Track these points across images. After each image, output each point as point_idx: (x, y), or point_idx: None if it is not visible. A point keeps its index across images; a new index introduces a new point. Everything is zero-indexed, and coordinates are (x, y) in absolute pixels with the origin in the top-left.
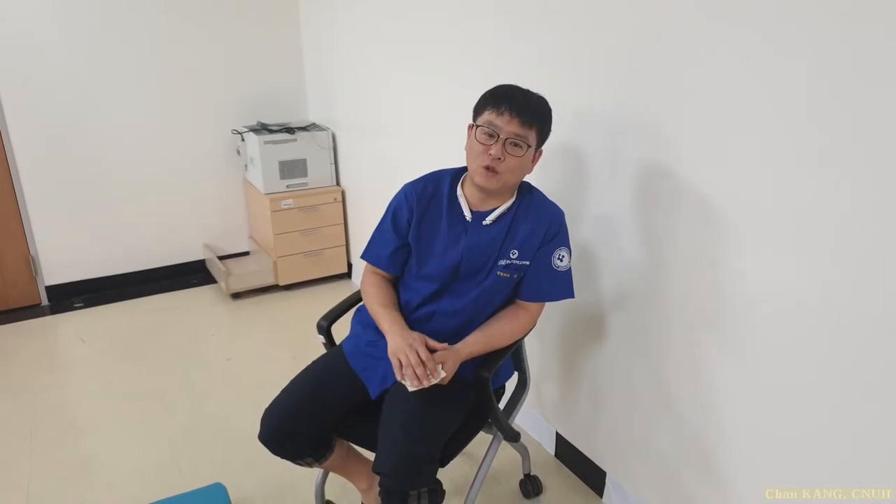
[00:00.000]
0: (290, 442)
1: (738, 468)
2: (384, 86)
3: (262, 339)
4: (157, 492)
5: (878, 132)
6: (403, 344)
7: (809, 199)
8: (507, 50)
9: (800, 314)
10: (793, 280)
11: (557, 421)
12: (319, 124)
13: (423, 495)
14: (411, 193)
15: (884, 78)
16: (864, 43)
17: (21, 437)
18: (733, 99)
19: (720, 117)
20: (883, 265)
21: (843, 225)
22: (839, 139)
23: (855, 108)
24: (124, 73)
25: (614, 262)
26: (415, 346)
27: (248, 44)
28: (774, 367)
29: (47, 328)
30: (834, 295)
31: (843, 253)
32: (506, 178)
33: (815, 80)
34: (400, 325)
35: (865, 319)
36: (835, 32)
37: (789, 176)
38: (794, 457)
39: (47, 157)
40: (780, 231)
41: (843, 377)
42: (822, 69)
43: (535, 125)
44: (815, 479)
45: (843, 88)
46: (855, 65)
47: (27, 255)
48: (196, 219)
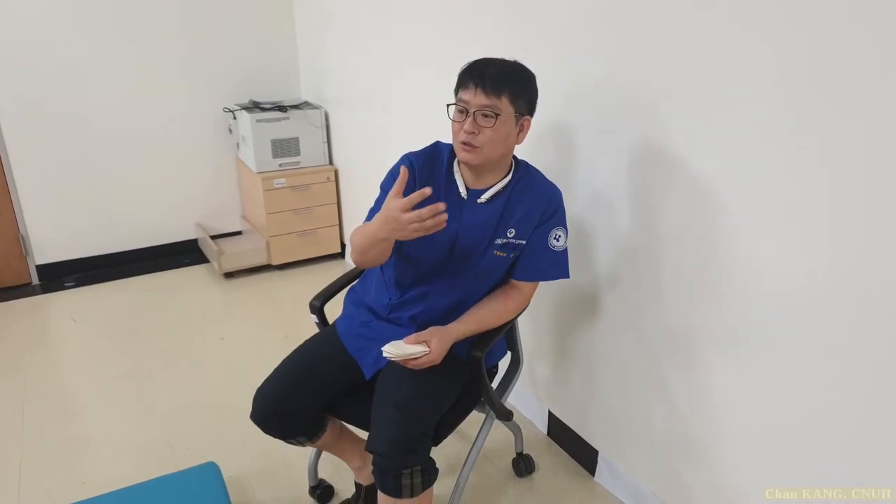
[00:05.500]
0: (282, 421)
1: (729, 450)
2: (377, 63)
3: (254, 318)
4: (149, 471)
5: (875, 109)
6: (389, 217)
7: (805, 176)
8: (500, 24)
9: (796, 294)
10: (788, 258)
11: (550, 400)
12: (312, 102)
13: (416, 474)
14: (415, 161)
15: (884, 52)
16: (863, 17)
17: (12, 416)
18: (728, 74)
19: (714, 93)
20: (881, 245)
21: (840, 204)
22: (836, 117)
23: (850, 88)
24: (115, 51)
25: (607, 241)
26: (394, 211)
27: (240, 21)
28: (769, 348)
29: (38, 307)
30: (831, 276)
31: (840, 232)
32: (486, 151)
33: (814, 53)
34: (379, 214)
35: (864, 303)
36: (835, 5)
37: (784, 153)
38: (793, 454)
39: (37, 136)
40: (775, 209)
41: (842, 363)
42: (821, 43)
43: (505, 92)
44: (815, 479)
45: (843, 65)
46: (854, 40)
47: (17, 233)
48: (188, 198)
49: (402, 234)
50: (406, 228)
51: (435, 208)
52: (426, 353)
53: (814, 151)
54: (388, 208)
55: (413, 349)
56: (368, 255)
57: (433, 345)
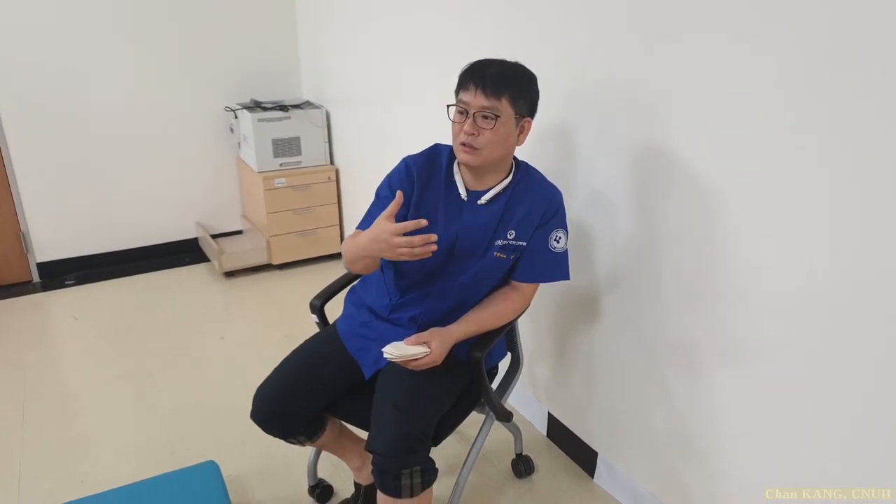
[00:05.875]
0: (282, 421)
1: (729, 450)
2: (378, 63)
3: (255, 317)
4: (149, 469)
5: (875, 108)
6: (378, 238)
7: (805, 176)
8: (500, 24)
9: (796, 295)
10: (788, 258)
11: (550, 401)
12: (314, 102)
13: (415, 474)
14: (412, 165)
15: (886, 46)
16: (865, 12)
17: (12, 414)
18: (728, 74)
19: (714, 93)
20: (881, 245)
21: (840, 204)
22: (835, 116)
23: (851, 84)
24: (116, 50)
25: (607, 242)
26: (384, 233)
27: (242, 20)
28: (769, 349)
29: (39, 305)
30: (832, 276)
31: (840, 232)
32: (486, 153)
33: (813, 51)
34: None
35: (864, 303)
36: (835, 4)
37: (784, 152)
38: (793, 454)
39: (38, 135)
40: (775, 208)
41: (842, 363)
42: (821, 41)
43: (505, 94)
44: (815, 479)
45: (842, 61)
46: (854, 35)
47: (18, 231)
48: (189, 197)
49: (388, 256)
50: (393, 251)
51: (427, 238)
52: (427, 353)
53: (814, 151)
54: (379, 229)
55: (414, 350)
56: (357, 265)
57: (434, 346)
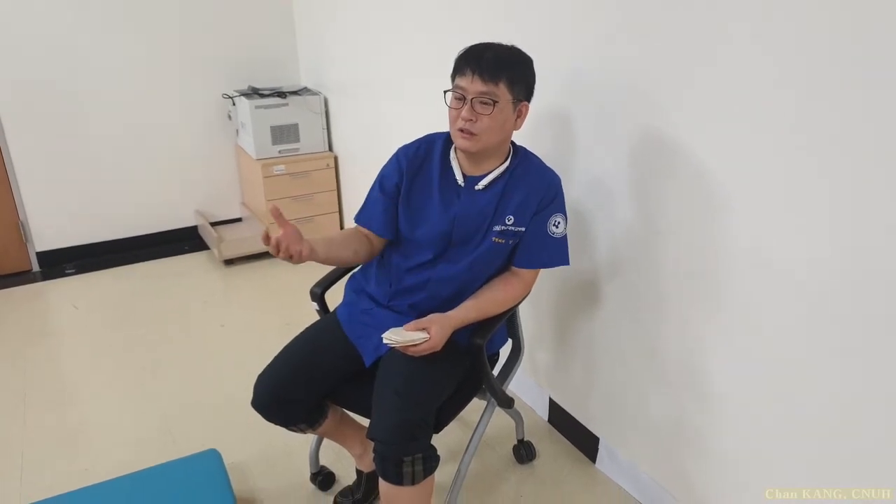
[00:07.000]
0: (283, 408)
1: (729, 439)
2: (376, 49)
3: (255, 305)
4: (150, 458)
5: (875, 98)
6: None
7: (803, 163)
8: (500, 13)
9: (795, 284)
10: (789, 247)
11: (551, 387)
12: (311, 88)
13: (417, 461)
14: (403, 157)
15: (884, 39)
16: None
17: (13, 404)
18: (727, 61)
19: (715, 81)
20: (881, 244)
21: (838, 190)
22: (834, 106)
23: (850, 76)
24: (113, 38)
25: (608, 228)
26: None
27: (239, 6)
28: (769, 336)
29: (39, 294)
30: (830, 264)
31: (839, 220)
32: (484, 138)
33: (814, 42)
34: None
35: (864, 302)
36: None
37: (784, 140)
38: (793, 454)
39: (36, 123)
40: (775, 198)
41: (842, 363)
42: (822, 31)
43: (503, 79)
44: (815, 479)
45: (844, 53)
46: (855, 27)
47: (17, 220)
48: (188, 185)
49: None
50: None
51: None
52: (426, 339)
53: (815, 141)
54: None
55: (413, 335)
56: (334, 262)
57: (433, 331)
